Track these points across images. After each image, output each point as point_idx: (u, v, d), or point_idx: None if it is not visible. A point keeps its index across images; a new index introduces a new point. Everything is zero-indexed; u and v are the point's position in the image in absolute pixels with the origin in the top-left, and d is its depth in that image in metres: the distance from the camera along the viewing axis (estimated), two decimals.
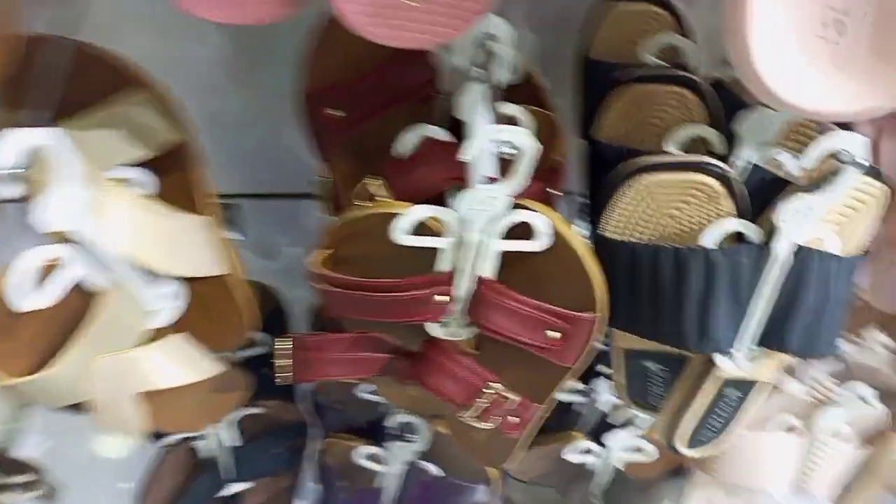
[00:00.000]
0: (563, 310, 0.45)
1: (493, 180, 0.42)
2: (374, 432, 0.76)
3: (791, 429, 0.78)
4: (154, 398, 0.51)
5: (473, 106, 0.42)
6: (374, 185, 0.47)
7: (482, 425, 0.50)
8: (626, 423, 0.73)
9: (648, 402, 0.60)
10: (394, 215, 0.43)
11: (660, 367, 0.58)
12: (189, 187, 0.50)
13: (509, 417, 0.51)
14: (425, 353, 0.49)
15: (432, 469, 0.71)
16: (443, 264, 0.45)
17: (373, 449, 0.70)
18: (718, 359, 0.50)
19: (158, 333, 0.49)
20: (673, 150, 0.51)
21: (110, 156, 0.46)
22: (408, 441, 0.69)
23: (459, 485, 0.70)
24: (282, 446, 0.78)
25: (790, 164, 0.47)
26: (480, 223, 0.43)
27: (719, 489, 0.88)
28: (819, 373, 0.79)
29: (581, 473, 0.77)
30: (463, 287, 0.46)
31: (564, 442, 0.73)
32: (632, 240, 0.50)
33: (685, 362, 0.57)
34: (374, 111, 0.52)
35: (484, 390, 0.48)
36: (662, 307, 0.48)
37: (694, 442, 0.59)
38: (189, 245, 0.50)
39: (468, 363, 0.49)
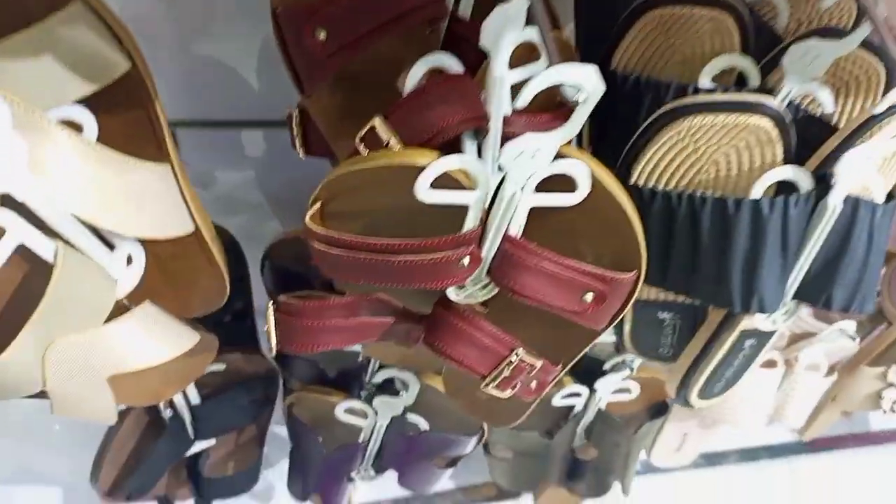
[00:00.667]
0: (603, 271, 0.40)
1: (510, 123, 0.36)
2: (346, 383, 0.71)
3: (770, 364, 0.78)
4: (117, 374, 0.43)
5: (505, 32, 0.35)
6: (385, 130, 0.39)
7: (503, 394, 0.45)
8: (616, 367, 0.71)
9: (658, 353, 0.57)
10: (415, 166, 0.36)
11: (673, 318, 0.55)
12: (141, 127, 0.42)
13: (531, 383, 0.46)
14: (442, 319, 0.43)
15: (419, 423, 0.66)
16: (470, 222, 0.38)
17: (356, 403, 0.65)
18: (757, 316, 0.46)
19: (117, 307, 0.42)
20: (707, 83, 0.45)
21: (48, 91, 0.37)
22: (394, 395, 0.64)
23: (447, 438, 0.67)
24: (245, 400, 0.72)
25: (827, 103, 0.43)
26: (522, 176, 0.36)
27: (695, 421, 0.88)
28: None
29: (565, 415, 0.75)
30: (490, 247, 0.39)
31: (554, 387, 0.70)
32: (667, 188, 0.45)
33: (700, 313, 0.54)
34: (368, 35, 0.43)
35: (510, 359, 0.43)
36: (701, 263, 0.44)
37: (705, 393, 0.56)
38: (149, 199, 0.41)
39: (491, 330, 0.43)
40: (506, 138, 0.36)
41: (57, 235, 0.37)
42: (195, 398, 0.65)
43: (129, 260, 0.42)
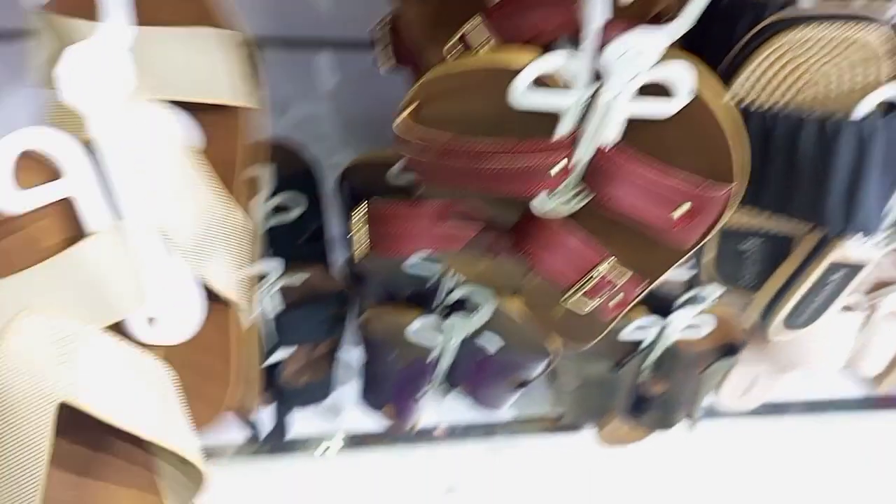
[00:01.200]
0: (697, 185, 0.39)
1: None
2: (419, 303, 0.73)
3: (850, 308, 0.76)
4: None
5: None
6: (480, 33, 0.39)
7: (584, 307, 0.45)
8: (690, 300, 0.70)
9: (741, 283, 0.56)
10: (516, 65, 0.36)
11: (760, 247, 0.54)
12: (231, 159, 0.40)
13: (615, 298, 0.46)
14: (532, 227, 0.43)
15: (491, 344, 0.67)
16: (565, 127, 0.38)
17: (428, 322, 0.66)
18: (850, 242, 0.45)
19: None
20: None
21: (170, 83, 0.35)
22: (468, 315, 0.65)
23: (517, 360, 0.68)
24: (323, 314, 0.74)
25: None
26: (623, 78, 0.35)
27: (766, 365, 0.87)
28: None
29: (634, 348, 0.75)
30: (582, 155, 0.39)
31: (626, 317, 0.70)
32: (765, 106, 0.43)
33: (789, 242, 0.53)
34: None
35: (597, 268, 0.43)
36: (799, 183, 0.42)
37: (789, 323, 0.55)
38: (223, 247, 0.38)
39: (581, 237, 0.43)
40: (602, 46, 0.36)
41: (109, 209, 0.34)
42: (276, 308, 0.67)
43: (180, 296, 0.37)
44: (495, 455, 1.07)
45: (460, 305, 0.69)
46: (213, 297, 0.39)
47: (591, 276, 0.44)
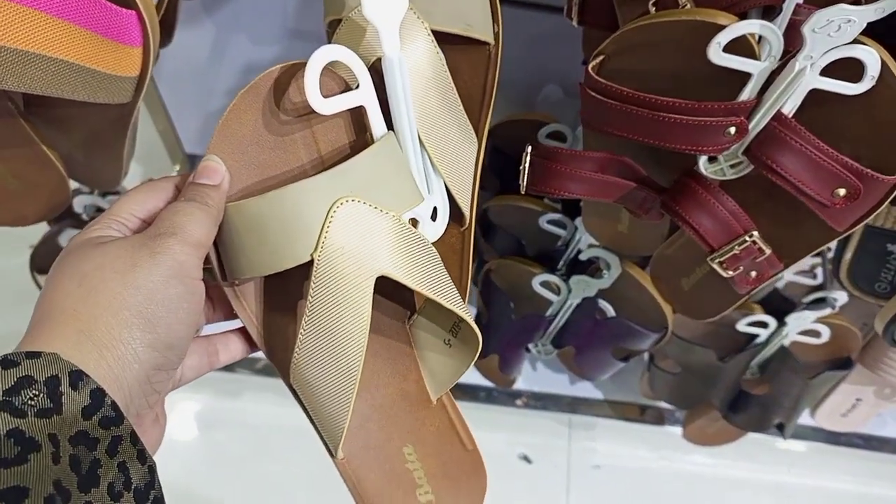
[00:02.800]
0: (865, 167, 0.41)
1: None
2: (544, 261, 0.76)
3: None
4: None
5: None
6: None
7: (726, 273, 0.47)
8: (815, 303, 0.70)
9: (873, 288, 0.57)
10: (709, 25, 0.39)
11: None
12: (475, 94, 0.44)
13: (752, 271, 0.48)
14: (687, 186, 0.46)
15: (608, 308, 0.70)
16: (747, 93, 0.40)
17: (553, 277, 0.70)
18: None
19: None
20: None
21: (435, 13, 0.40)
22: (594, 277, 0.68)
23: (632, 327, 0.70)
24: None
25: None
26: (818, 50, 0.37)
27: (872, 388, 0.86)
28: None
29: (745, 343, 0.75)
30: (758, 122, 0.41)
31: (741, 310, 0.71)
32: None
33: None
34: None
35: (744, 237, 0.45)
36: None
37: None
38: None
39: (733, 205, 0.45)
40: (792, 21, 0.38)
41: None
42: None
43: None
44: (574, 431, 1.09)
45: (584, 269, 0.72)
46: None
47: (738, 244, 0.46)
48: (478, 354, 0.39)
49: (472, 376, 1.02)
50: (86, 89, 0.38)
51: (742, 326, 0.72)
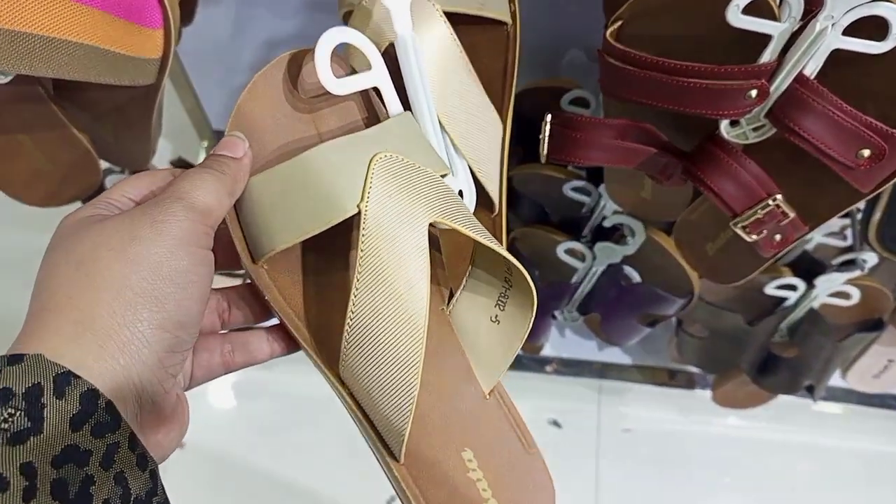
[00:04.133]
0: (891, 127, 0.40)
1: None
2: (568, 229, 0.76)
3: None
4: None
5: None
6: None
7: (749, 237, 0.47)
8: (845, 265, 0.69)
9: None
10: None
11: None
12: (496, 73, 0.44)
13: (776, 235, 0.48)
14: (709, 151, 0.45)
15: (633, 275, 0.70)
16: (768, 55, 0.40)
17: (577, 245, 0.70)
18: None
19: None
20: None
21: None
22: (618, 243, 0.68)
23: (657, 293, 0.70)
24: None
25: None
26: (840, 9, 0.37)
27: None
28: None
29: (774, 306, 0.75)
30: (780, 84, 0.41)
31: (769, 273, 0.71)
32: None
33: None
34: None
35: (767, 201, 0.45)
36: None
37: None
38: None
39: (755, 169, 0.45)
40: None
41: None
42: None
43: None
44: (604, 396, 1.10)
45: (608, 236, 0.72)
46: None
47: (761, 207, 0.45)
48: (533, 315, 0.36)
49: None
50: (111, 73, 0.39)
51: (770, 290, 0.72)
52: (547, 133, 0.48)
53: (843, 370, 0.90)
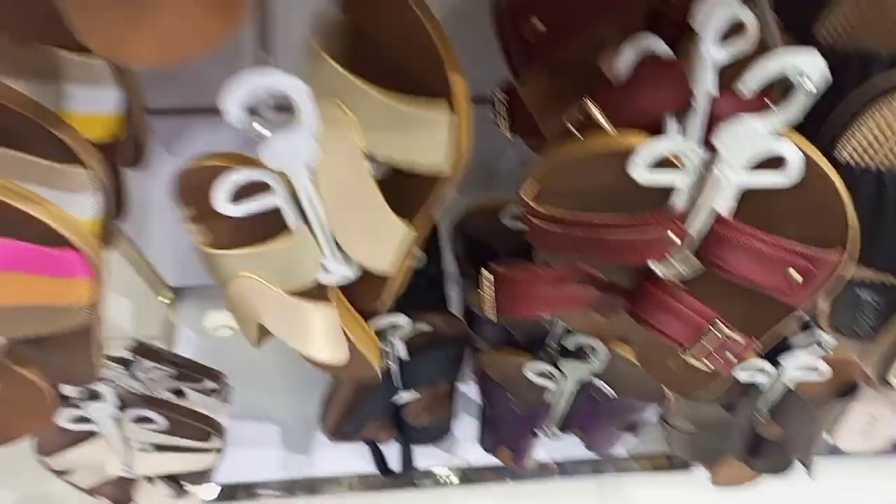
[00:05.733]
0: (811, 249, 0.41)
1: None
2: (532, 347, 0.76)
3: None
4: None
5: (717, 11, 0.36)
6: (597, 113, 0.43)
7: (703, 366, 0.48)
8: (809, 345, 0.70)
9: (854, 332, 0.57)
10: (626, 149, 0.40)
11: (874, 298, 0.54)
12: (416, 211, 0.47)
13: (727, 354, 0.48)
14: (647, 291, 0.46)
15: (606, 388, 0.70)
16: (679, 201, 0.41)
17: (545, 366, 0.70)
18: None
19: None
20: None
21: (379, 142, 0.42)
22: (584, 361, 0.68)
23: (631, 403, 0.70)
24: (444, 358, 0.79)
25: None
26: (735, 157, 0.38)
27: (885, 406, 0.85)
28: None
29: (749, 390, 0.75)
30: (697, 225, 0.42)
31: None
32: (879, 166, 0.45)
33: None
34: (580, 23, 0.47)
35: (711, 330, 0.46)
36: None
37: None
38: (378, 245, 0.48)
39: (692, 302, 0.46)
40: (711, 119, 0.39)
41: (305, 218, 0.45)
42: (404, 355, 0.72)
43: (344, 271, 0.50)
44: (605, 492, 1.08)
45: (576, 350, 0.72)
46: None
47: (702, 338, 0.46)
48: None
49: (494, 459, 1.02)
50: (44, 325, 0.39)
51: (740, 375, 0.72)
52: (487, 294, 0.49)
53: (830, 434, 0.89)
